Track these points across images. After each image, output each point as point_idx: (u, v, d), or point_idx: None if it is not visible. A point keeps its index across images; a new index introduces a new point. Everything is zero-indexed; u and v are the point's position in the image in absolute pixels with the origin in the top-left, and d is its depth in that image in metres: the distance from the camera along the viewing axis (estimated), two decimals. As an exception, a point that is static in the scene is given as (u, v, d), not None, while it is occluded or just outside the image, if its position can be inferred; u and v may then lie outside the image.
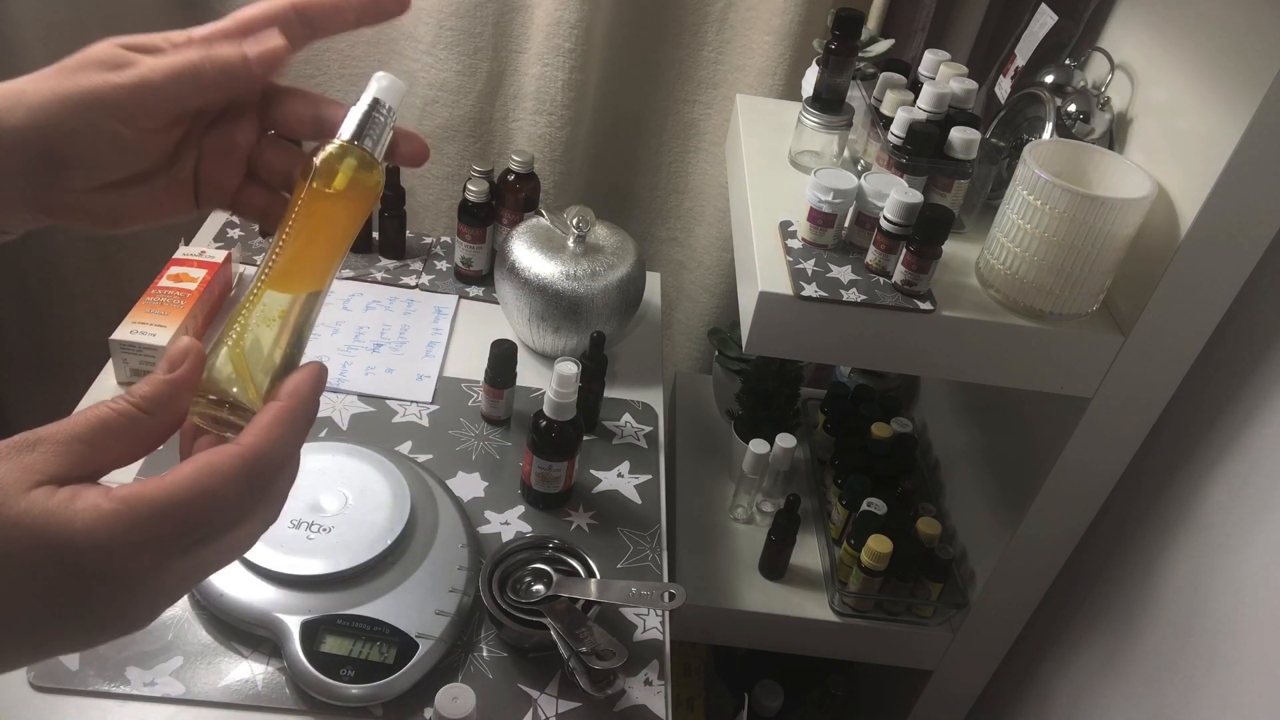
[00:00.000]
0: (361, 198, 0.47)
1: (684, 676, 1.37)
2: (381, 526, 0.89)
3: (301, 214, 0.45)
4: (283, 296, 0.45)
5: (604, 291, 1.13)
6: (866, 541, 1.08)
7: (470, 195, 1.23)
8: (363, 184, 0.46)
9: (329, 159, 0.46)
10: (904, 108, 0.95)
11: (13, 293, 1.54)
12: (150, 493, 0.36)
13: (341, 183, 0.46)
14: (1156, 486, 0.99)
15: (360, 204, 0.47)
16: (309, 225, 0.45)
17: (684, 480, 1.30)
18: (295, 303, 0.45)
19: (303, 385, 0.42)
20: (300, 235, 0.45)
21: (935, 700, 1.23)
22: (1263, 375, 0.87)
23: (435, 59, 1.35)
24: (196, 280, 1.12)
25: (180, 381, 0.40)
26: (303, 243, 0.45)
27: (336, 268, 0.47)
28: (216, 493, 0.37)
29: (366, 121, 0.47)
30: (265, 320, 0.44)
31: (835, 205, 0.88)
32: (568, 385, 0.95)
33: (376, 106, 0.47)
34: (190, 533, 0.37)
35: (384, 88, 0.48)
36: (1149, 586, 0.98)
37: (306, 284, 0.46)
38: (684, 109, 1.44)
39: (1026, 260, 0.85)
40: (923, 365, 0.92)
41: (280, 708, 0.80)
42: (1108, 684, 1.02)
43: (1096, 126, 0.94)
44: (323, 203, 0.46)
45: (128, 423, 0.38)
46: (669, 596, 0.87)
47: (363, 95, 0.48)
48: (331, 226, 0.46)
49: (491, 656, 0.87)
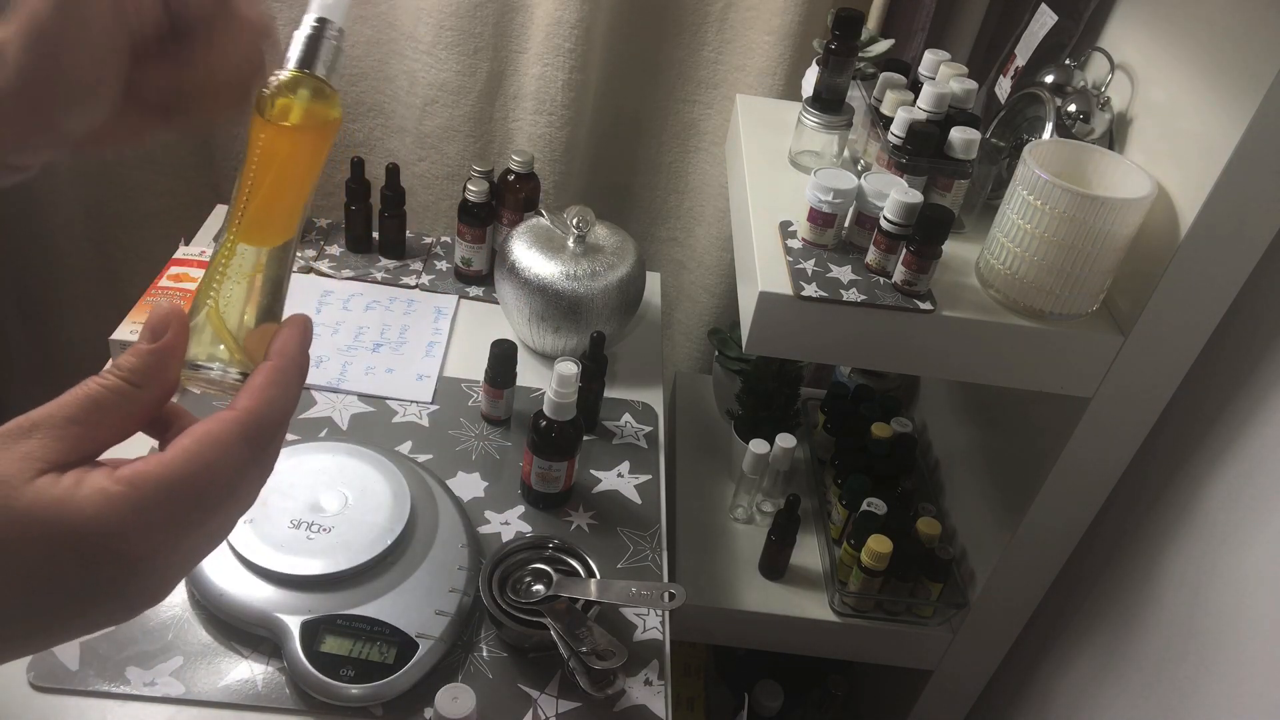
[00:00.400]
0: (321, 129, 0.44)
1: (684, 676, 1.37)
2: (381, 526, 0.89)
3: (262, 158, 0.43)
4: (255, 250, 0.43)
5: (604, 291, 1.13)
6: (866, 541, 1.08)
7: (470, 195, 1.23)
8: (321, 115, 0.44)
9: (281, 92, 0.43)
10: (904, 108, 0.95)
11: (13, 293, 1.54)
12: (154, 471, 0.36)
13: (298, 116, 0.43)
14: (1157, 486, 0.99)
15: (320, 136, 0.44)
16: (271, 168, 0.43)
17: (684, 480, 1.30)
18: (269, 255, 0.43)
19: (289, 342, 0.41)
20: (264, 181, 0.43)
21: (935, 700, 1.23)
22: (1263, 375, 0.87)
23: (435, 59, 1.35)
24: (196, 280, 1.12)
25: (166, 349, 0.39)
26: (269, 189, 0.43)
27: (306, 211, 0.45)
28: (219, 463, 0.37)
29: (314, 45, 0.44)
30: (241, 276, 0.42)
31: (835, 205, 0.88)
32: (568, 385, 0.95)
33: (324, 26, 0.44)
34: (199, 505, 0.37)
35: (327, 3, 0.44)
36: (1149, 586, 0.98)
37: (278, 233, 0.43)
38: (684, 109, 1.44)
39: (1026, 260, 0.85)
40: (923, 365, 0.92)
41: (280, 708, 0.80)
42: (1108, 684, 1.02)
43: (1096, 126, 0.94)
44: (282, 140, 0.43)
45: (119, 398, 0.38)
46: (669, 596, 0.87)
47: (305, 15, 0.44)
48: (294, 166, 0.44)
49: (491, 656, 0.87)
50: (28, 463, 0.35)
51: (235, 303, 0.42)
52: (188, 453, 0.37)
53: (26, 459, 0.35)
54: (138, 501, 0.35)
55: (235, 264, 0.42)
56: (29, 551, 0.34)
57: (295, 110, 0.43)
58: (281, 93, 0.43)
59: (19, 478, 0.34)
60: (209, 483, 0.37)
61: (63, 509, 0.34)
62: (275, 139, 0.43)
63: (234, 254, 0.42)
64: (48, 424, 0.36)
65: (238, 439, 0.38)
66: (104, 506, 0.35)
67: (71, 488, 0.35)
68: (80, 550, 0.35)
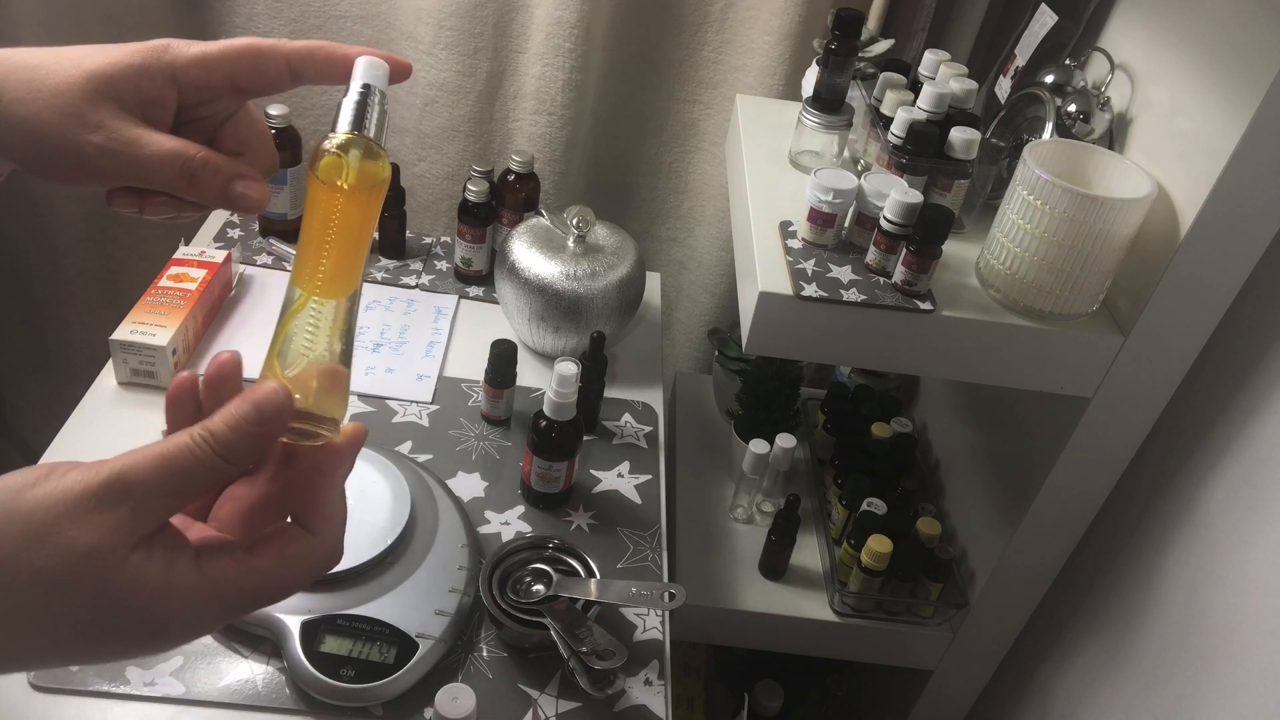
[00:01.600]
0: (375, 188, 0.47)
1: (684, 676, 1.37)
2: (381, 526, 0.89)
3: (325, 217, 0.46)
4: (334, 303, 0.46)
5: (604, 291, 1.13)
6: (866, 541, 1.08)
7: (470, 195, 1.23)
8: (374, 174, 0.47)
9: (335, 156, 0.46)
10: (904, 108, 0.95)
11: (13, 293, 1.54)
12: (240, 579, 0.41)
13: (354, 176, 0.46)
14: (1156, 486, 0.99)
15: (376, 194, 0.47)
16: (337, 226, 0.46)
17: (684, 480, 1.30)
18: (344, 306, 0.46)
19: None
20: (333, 240, 0.46)
21: (935, 700, 1.23)
22: (1263, 375, 0.87)
23: (435, 59, 1.35)
24: (196, 280, 1.12)
25: (269, 436, 0.41)
26: (337, 246, 0.46)
27: (366, 259, 0.49)
28: (291, 583, 0.42)
29: (363, 109, 0.47)
30: (321, 331, 0.45)
31: (835, 205, 0.88)
32: (568, 385, 0.95)
33: (369, 92, 0.48)
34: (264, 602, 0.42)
35: (371, 73, 0.48)
36: (1149, 586, 0.98)
37: (348, 285, 0.47)
38: (684, 109, 1.44)
39: (1026, 260, 0.85)
40: (923, 365, 0.92)
41: (280, 708, 0.80)
42: (1108, 684, 1.02)
43: (1096, 126, 0.94)
44: (343, 200, 0.46)
45: (211, 474, 0.40)
46: (669, 596, 0.87)
47: (350, 84, 0.48)
48: (358, 222, 0.47)
49: (491, 656, 0.87)
50: (120, 535, 0.37)
51: (319, 358, 0.45)
52: (275, 570, 0.42)
53: (119, 531, 0.37)
54: (221, 602, 0.40)
55: (315, 319, 0.45)
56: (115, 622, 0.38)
57: (351, 171, 0.46)
58: (338, 156, 0.46)
59: (115, 554, 0.37)
60: (278, 592, 0.42)
61: (156, 601, 0.38)
62: (337, 199, 0.46)
63: (311, 309, 0.45)
64: (140, 492, 0.38)
65: (316, 566, 0.43)
66: (194, 603, 0.39)
67: (164, 575, 0.38)
68: (156, 629, 0.39)
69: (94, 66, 0.47)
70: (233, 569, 0.40)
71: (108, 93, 0.47)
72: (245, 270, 1.25)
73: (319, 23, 1.36)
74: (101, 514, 0.37)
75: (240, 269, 1.25)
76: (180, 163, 0.47)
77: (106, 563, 0.37)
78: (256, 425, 0.40)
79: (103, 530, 0.37)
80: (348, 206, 0.46)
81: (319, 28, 1.37)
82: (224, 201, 0.49)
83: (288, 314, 0.45)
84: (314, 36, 1.37)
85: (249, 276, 1.25)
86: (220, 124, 0.52)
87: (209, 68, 0.49)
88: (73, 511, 0.36)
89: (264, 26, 1.35)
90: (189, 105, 0.50)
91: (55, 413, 1.04)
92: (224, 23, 1.35)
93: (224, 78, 0.50)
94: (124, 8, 1.31)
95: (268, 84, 0.51)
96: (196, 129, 0.51)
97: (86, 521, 0.36)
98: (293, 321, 0.45)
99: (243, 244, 1.29)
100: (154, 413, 1.04)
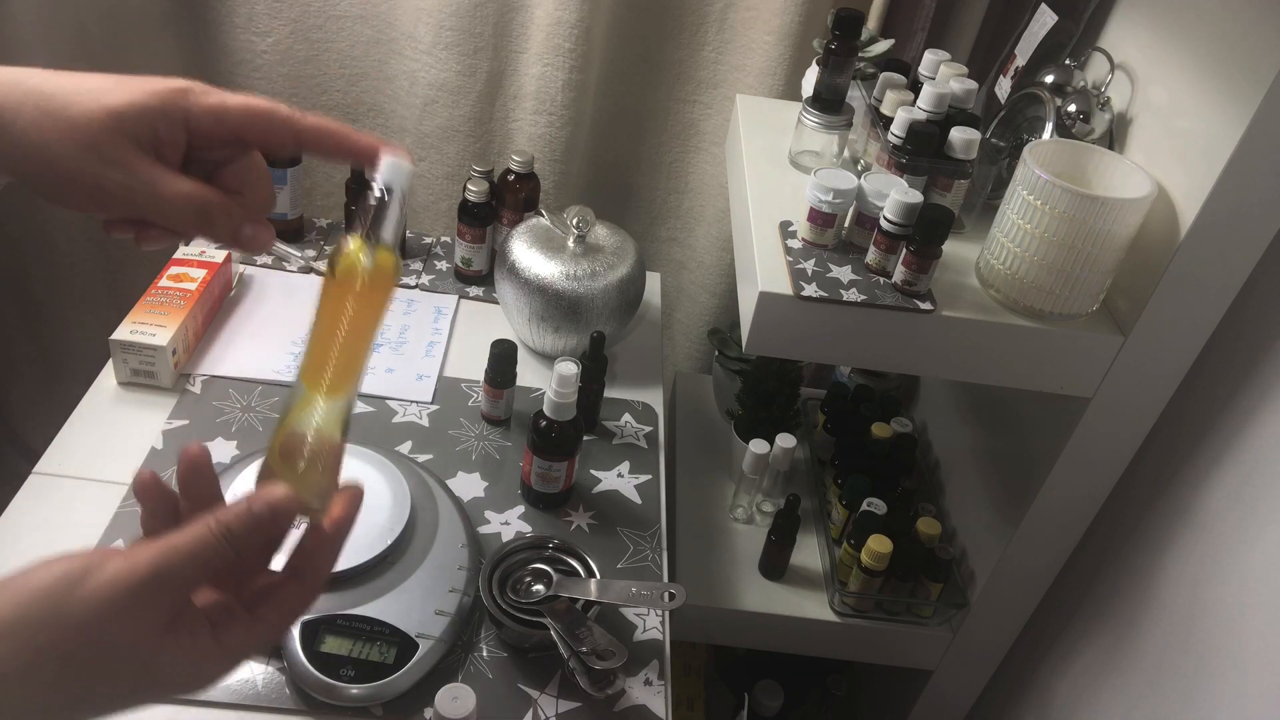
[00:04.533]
0: (386, 290, 0.50)
1: (684, 676, 1.37)
2: (381, 526, 0.89)
3: (332, 316, 0.49)
4: (340, 401, 0.49)
5: (604, 291, 1.13)
6: (866, 541, 1.08)
7: (470, 195, 1.23)
8: (387, 278, 0.50)
9: (351, 260, 0.49)
10: (904, 108, 0.95)
11: (13, 293, 1.54)
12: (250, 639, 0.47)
13: (368, 279, 0.49)
14: (1156, 486, 0.99)
15: (386, 296, 0.51)
16: (346, 329, 0.49)
17: (684, 480, 1.30)
18: (346, 400, 0.50)
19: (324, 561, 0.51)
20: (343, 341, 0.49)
21: (935, 700, 1.23)
22: (1263, 375, 0.87)
23: (435, 59, 1.35)
24: (196, 280, 1.12)
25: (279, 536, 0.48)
26: (346, 345, 0.49)
27: (369, 355, 0.52)
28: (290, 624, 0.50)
29: (380, 213, 0.50)
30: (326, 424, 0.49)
31: (835, 205, 0.88)
32: (568, 385, 0.95)
33: (387, 195, 0.50)
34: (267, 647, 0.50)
35: (392, 171, 0.50)
36: (1149, 586, 0.98)
37: (353, 379, 0.50)
38: (684, 109, 1.44)
39: (1026, 260, 0.85)
40: (923, 365, 0.92)
41: (280, 708, 0.80)
42: (1108, 684, 1.02)
43: (1096, 126, 0.94)
44: (355, 302, 0.49)
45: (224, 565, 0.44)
46: (669, 596, 0.87)
47: (374, 183, 0.50)
48: (365, 325, 0.50)
49: (491, 656, 0.87)
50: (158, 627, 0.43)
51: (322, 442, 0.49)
52: (275, 622, 0.47)
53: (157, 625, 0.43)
54: (236, 660, 0.46)
55: (322, 415, 0.49)
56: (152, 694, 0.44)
57: (365, 275, 0.49)
58: (352, 259, 0.49)
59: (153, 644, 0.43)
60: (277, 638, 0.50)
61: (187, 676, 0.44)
62: (346, 301, 0.49)
63: (318, 406, 0.49)
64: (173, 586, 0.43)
65: (306, 609, 0.49)
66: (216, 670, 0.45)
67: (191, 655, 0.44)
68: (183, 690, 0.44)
69: (115, 104, 0.49)
70: (243, 631, 0.46)
71: (127, 130, 0.49)
72: (245, 270, 1.25)
73: (319, 23, 1.36)
74: (144, 611, 0.42)
75: (240, 269, 1.25)
76: (197, 206, 0.50)
77: (147, 655, 0.42)
78: (268, 526, 0.46)
79: (145, 627, 0.42)
80: (360, 309, 0.49)
81: (319, 28, 1.37)
82: (232, 243, 0.52)
83: (294, 407, 0.48)
84: (314, 37, 1.37)
85: (249, 276, 1.25)
86: (222, 165, 0.54)
87: (222, 121, 0.51)
88: (120, 613, 0.41)
89: (264, 26, 1.35)
90: (196, 148, 0.52)
91: (55, 413, 1.04)
92: (224, 23, 1.35)
93: (233, 132, 0.52)
94: (123, 9, 1.31)
95: (273, 148, 0.53)
96: (199, 167, 0.53)
97: (132, 620, 0.42)
98: (299, 415, 0.48)
99: (243, 244, 1.28)
100: (154, 413, 1.04)
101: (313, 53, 1.39)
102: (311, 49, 1.38)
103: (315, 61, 1.40)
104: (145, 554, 0.42)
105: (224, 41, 1.37)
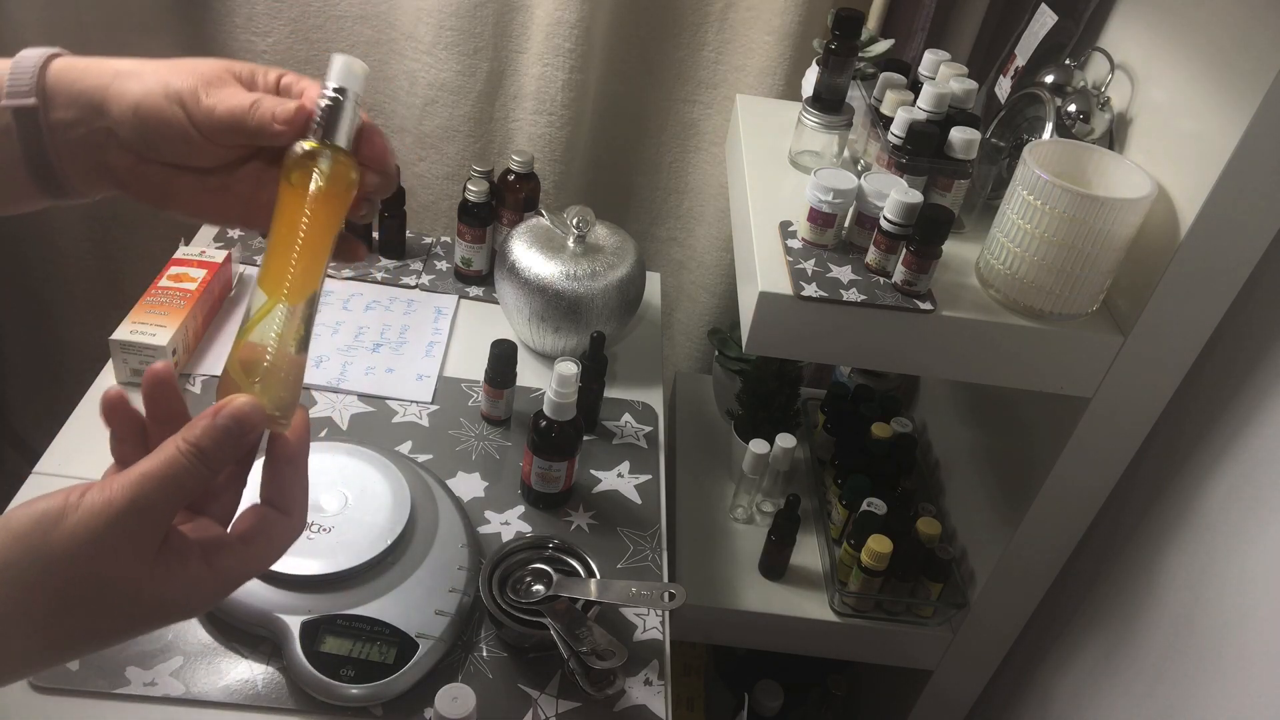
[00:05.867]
0: (344, 194, 0.49)
1: (684, 676, 1.37)
2: (381, 526, 0.89)
3: (291, 223, 0.47)
4: (297, 306, 0.48)
5: (604, 291, 1.13)
6: (866, 541, 1.08)
7: (470, 195, 1.23)
8: (342, 180, 0.48)
9: (305, 162, 0.47)
10: (904, 108, 0.95)
11: (13, 293, 1.54)
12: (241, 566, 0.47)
13: (322, 182, 0.48)
14: (1156, 486, 0.99)
15: (343, 201, 0.49)
16: (301, 232, 0.48)
17: (684, 480, 1.30)
18: (304, 307, 0.48)
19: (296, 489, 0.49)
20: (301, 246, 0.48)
21: (935, 700, 1.23)
22: (1263, 375, 0.87)
23: (435, 59, 1.35)
24: (196, 280, 1.12)
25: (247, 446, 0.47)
26: (302, 251, 0.48)
27: (328, 261, 0.50)
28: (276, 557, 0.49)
29: (334, 114, 0.48)
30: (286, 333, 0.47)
31: (835, 205, 0.88)
32: (568, 385, 0.95)
33: (342, 95, 0.49)
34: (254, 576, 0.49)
35: (343, 73, 0.49)
36: (1149, 586, 0.98)
37: (310, 287, 0.48)
38: (684, 109, 1.44)
39: (1026, 260, 0.85)
40: (923, 365, 0.92)
41: (280, 708, 0.80)
42: (1108, 684, 1.02)
43: (1096, 126, 0.94)
44: (310, 206, 0.47)
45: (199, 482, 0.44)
46: (669, 596, 0.87)
47: (325, 83, 0.49)
48: (322, 228, 0.48)
49: (491, 656, 0.87)
50: (144, 556, 0.43)
51: (283, 353, 0.48)
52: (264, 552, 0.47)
53: (142, 552, 0.43)
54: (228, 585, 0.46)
55: (281, 323, 0.47)
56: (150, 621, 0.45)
57: (319, 178, 0.48)
58: (306, 163, 0.48)
59: (142, 573, 0.43)
60: (263, 568, 0.47)
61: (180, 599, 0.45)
62: (303, 205, 0.48)
63: (277, 313, 0.47)
64: (153, 512, 0.43)
65: (291, 542, 0.48)
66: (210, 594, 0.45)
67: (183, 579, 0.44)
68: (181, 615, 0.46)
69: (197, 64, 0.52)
70: (234, 558, 0.46)
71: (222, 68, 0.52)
72: (245, 270, 1.25)
73: (319, 23, 1.36)
74: (128, 541, 0.42)
75: (240, 269, 1.25)
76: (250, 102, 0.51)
77: (137, 585, 0.43)
78: (237, 437, 0.45)
79: (131, 558, 0.42)
80: (316, 213, 0.47)
81: (319, 28, 1.37)
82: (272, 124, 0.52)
83: (255, 316, 0.47)
84: (314, 37, 1.37)
85: (249, 276, 1.25)
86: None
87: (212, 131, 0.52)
88: (103, 548, 0.41)
89: (264, 26, 1.35)
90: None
91: (55, 413, 1.03)
92: (224, 23, 1.35)
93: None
94: (123, 9, 1.31)
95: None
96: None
97: (116, 552, 0.42)
98: (259, 324, 0.47)
99: (243, 244, 1.29)
100: (154, 413, 1.04)
101: (313, 53, 1.39)
102: (311, 49, 1.38)
103: (315, 61, 1.40)
104: (120, 484, 0.42)
105: (224, 41, 1.37)
